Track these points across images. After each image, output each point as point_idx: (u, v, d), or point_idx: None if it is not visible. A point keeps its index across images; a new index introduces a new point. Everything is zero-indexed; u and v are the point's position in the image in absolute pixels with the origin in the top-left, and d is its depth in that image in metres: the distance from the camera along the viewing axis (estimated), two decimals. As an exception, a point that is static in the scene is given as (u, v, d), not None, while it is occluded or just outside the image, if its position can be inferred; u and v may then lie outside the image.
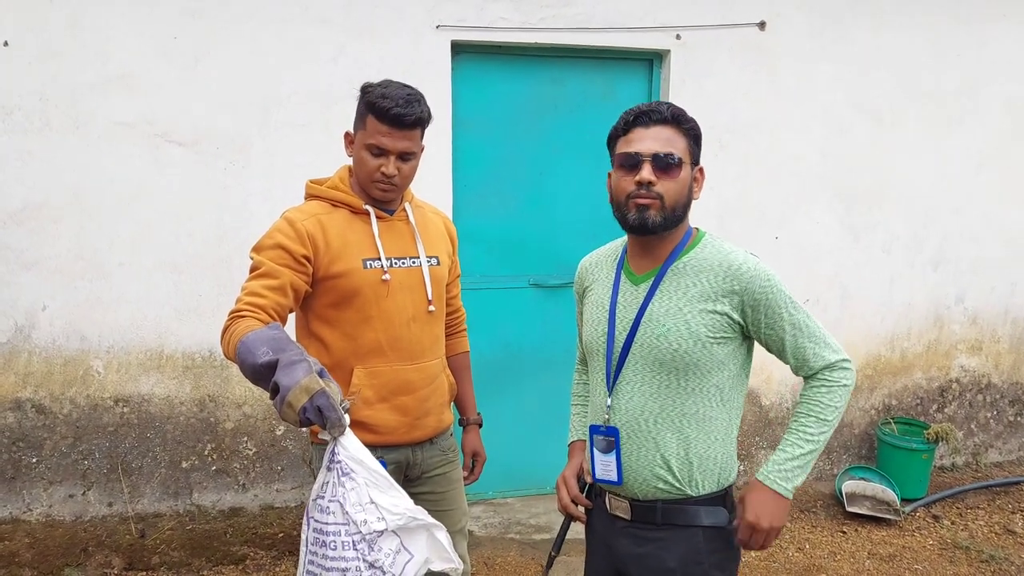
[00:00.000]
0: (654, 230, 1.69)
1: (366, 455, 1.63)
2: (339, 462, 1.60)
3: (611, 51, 3.83)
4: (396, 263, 2.04)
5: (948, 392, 4.55)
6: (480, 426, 2.38)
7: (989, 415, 4.65)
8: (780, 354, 1.74)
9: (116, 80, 3.35)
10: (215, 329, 3.54)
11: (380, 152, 1.95)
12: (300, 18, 3.45)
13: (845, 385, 1.70)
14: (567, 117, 3.87)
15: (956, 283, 4.45)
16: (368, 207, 2.03)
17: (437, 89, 3.45)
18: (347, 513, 1.58)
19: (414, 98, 1.95)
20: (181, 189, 3.46)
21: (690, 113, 1.74)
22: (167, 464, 3.60)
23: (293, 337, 1.76)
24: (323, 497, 1.63)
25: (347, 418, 1.59)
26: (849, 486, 4.04)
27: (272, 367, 1.56)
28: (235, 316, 1.79)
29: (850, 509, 3.93)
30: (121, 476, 3.56)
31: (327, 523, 1.61)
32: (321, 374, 1.56)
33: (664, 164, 1.66)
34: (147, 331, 3.51)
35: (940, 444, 4.19)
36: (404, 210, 2.11)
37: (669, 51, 3.83)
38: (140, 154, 3.41)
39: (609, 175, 1.78)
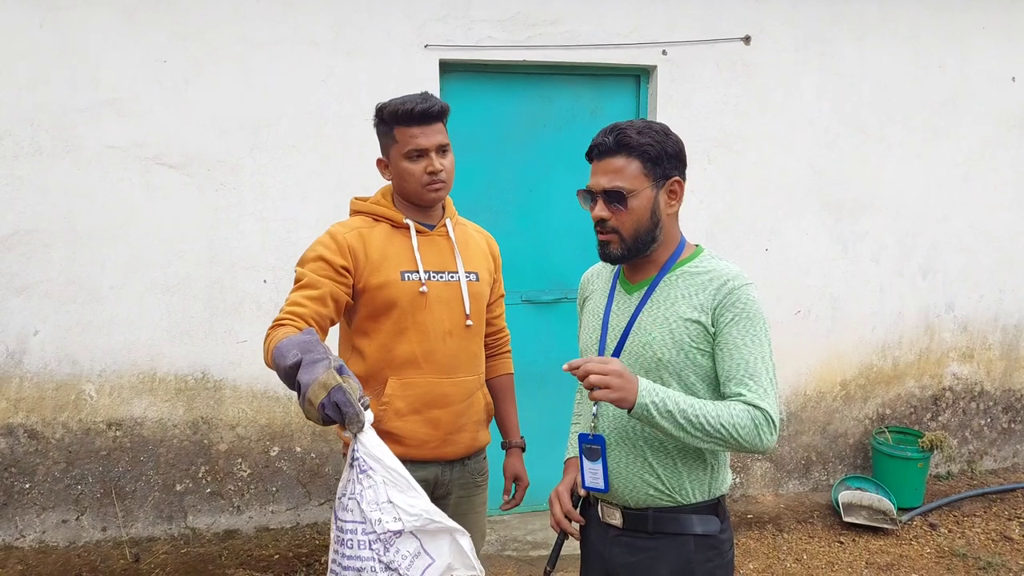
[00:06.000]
0: (618, 261, 1.74)
1: (385, 452, 1.61)
2: (358, 459, 1.59)
3: (598, 68, 3.86)
4: (434, 276, 2.06)
5: (941, 400, 4.57)
6: (523, 449, 2.35)
7: (983, 422, 4.67)
8: (722, 366, 1.65)
9: (106, 104, 3.36)
10: (207, 351, 3.57)
11: (420, 154, 2.00)
12: (290, 40, 3.48)
13: (758, 430, 1.58)
14: (556, 134, 3.90)
15: (945, 291, 4.48)
16: (408, 221, 2.06)
17: (426, 108, 3.47)
18: (363, 511, 1.57)
19: (428, 94, 2.03)
20: (172, 211, 3.47)
21: (678, 127, 1.75)
22: (161, 487, 3.58)
23: (335, 349, 1.77)
24: (344, 495, 1.62)
25: (367, 415, 1.58)
26: (845, 496, 4.04)
27: (299, 367, 1.57)
28: (276, 325, 1.83)
29: (847, 519, 3.93)
30: (114, 500, 3.53)
31: (346, 520, 1.59)
32: (340, 370, 1.55)
33: (613, 199, 1.68)
34: (139, 354, 3.50)
35: (935, 452, 4.21)
36: (444, 225, 2.13)
37: (656, 67, 3.87)
38: (131, 177, 3.42)
39: None
